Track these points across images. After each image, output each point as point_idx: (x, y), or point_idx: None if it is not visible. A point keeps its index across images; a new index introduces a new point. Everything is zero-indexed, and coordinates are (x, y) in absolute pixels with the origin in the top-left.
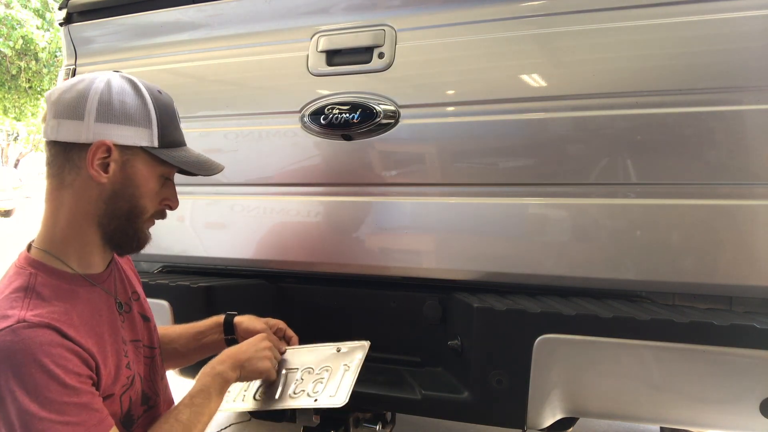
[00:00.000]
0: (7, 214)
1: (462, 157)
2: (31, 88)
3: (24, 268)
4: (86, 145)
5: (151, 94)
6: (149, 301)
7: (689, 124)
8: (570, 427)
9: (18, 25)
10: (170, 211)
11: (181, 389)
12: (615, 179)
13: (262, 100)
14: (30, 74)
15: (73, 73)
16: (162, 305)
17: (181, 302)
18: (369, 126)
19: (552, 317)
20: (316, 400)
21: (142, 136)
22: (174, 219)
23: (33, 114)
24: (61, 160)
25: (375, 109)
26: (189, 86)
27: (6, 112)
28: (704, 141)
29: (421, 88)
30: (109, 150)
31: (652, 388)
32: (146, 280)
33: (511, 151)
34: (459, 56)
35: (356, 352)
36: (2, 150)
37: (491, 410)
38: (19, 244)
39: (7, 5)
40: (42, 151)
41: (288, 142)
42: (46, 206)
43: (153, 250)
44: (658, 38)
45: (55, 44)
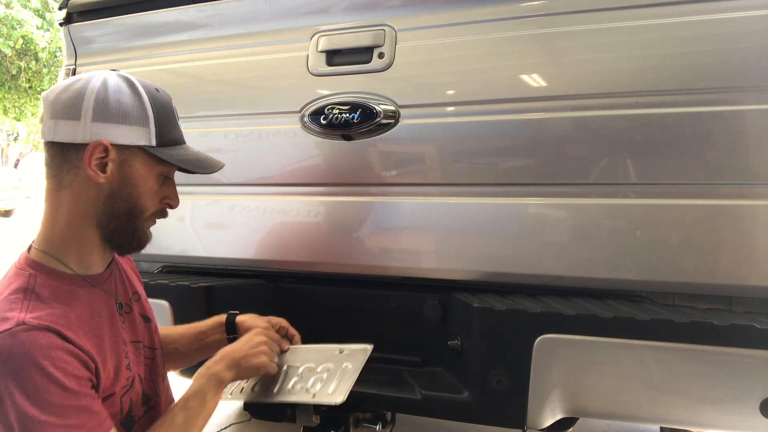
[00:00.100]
0: (7, 214)
1: (462, 157)
2: (31, 88)
3: (23, 269)
4: (83, 146)
5: (149, 93)
6: (149, 301)
7: (689, 124)
8: (570, 427)
9: (18, 25)
10: (171, 209)
11: (182, 389)
12: (615, 179)
13: (262, 100)
14: (30, 74)
15: (73, 73)
16: (162, 305)
17: (181, 302)
18: (369, 126)
19: (552, 317)
20: (314, 396)
21: (139, 135)
22: (174, 219)
23: (33, 114)
24: (59, 161)
25: (375, 109)
26: (189, 86)
27: (6, 112)
28: (704, 141)
29: (421, 88)
30: (106, 150)
31: (652, 388)
32: (146, 280)
33: (511, 151)
34: (459, 56)
35: (359, 354)
36: (2, 150)
37: (491, 410)
38: (19, 244)
39: (7, 5)
40: (42, 151)
41: (288, 142)
42: (46, 207)
43: (153, 250)
44: (658, 38)
45: (55, 44)
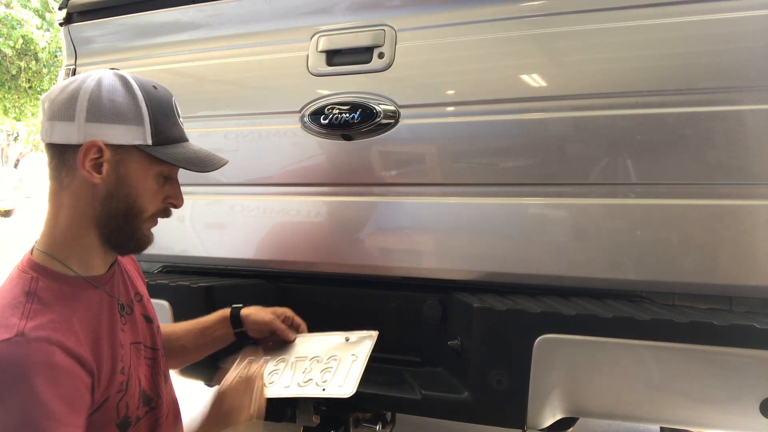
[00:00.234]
0: (7, 214)
1: (462, 157)
2: (31, 88)
3: (26, 271)
4: (79, 147)
5: (144, 90)
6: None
7: (689, 124)
8: (570, 427)
9: (18, 24)
10: (175, 209)
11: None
12: (615, 179)
13: (262, 100)
14: (30, 74)
15: (73, 73)
16: (162, 305)
17: (181, 302)
18: (369, 126)
19: (552, 317)
20: (324, 389)
21: (134, 135)
22: (174, 219)
23: (33, 114)
24: (58, 163)
25: (375, 109)
26: (189, 86)
27: (6, 112)
28: (704, 141)
29: (421, 88)
30: (101, 150)
31: (652, 388)
32: (146, 280)
33: (511, 151)
34: (459, 56)
35: (365, 341)
36: (2, 150)
37: (491, 410)
38: (19, 245)
39: (7, 5)
40: (42, 151)
41: (288, 142)
42: (48, 208)
43: (153, 250)
44: (658, 38)
45: (55, 44)
